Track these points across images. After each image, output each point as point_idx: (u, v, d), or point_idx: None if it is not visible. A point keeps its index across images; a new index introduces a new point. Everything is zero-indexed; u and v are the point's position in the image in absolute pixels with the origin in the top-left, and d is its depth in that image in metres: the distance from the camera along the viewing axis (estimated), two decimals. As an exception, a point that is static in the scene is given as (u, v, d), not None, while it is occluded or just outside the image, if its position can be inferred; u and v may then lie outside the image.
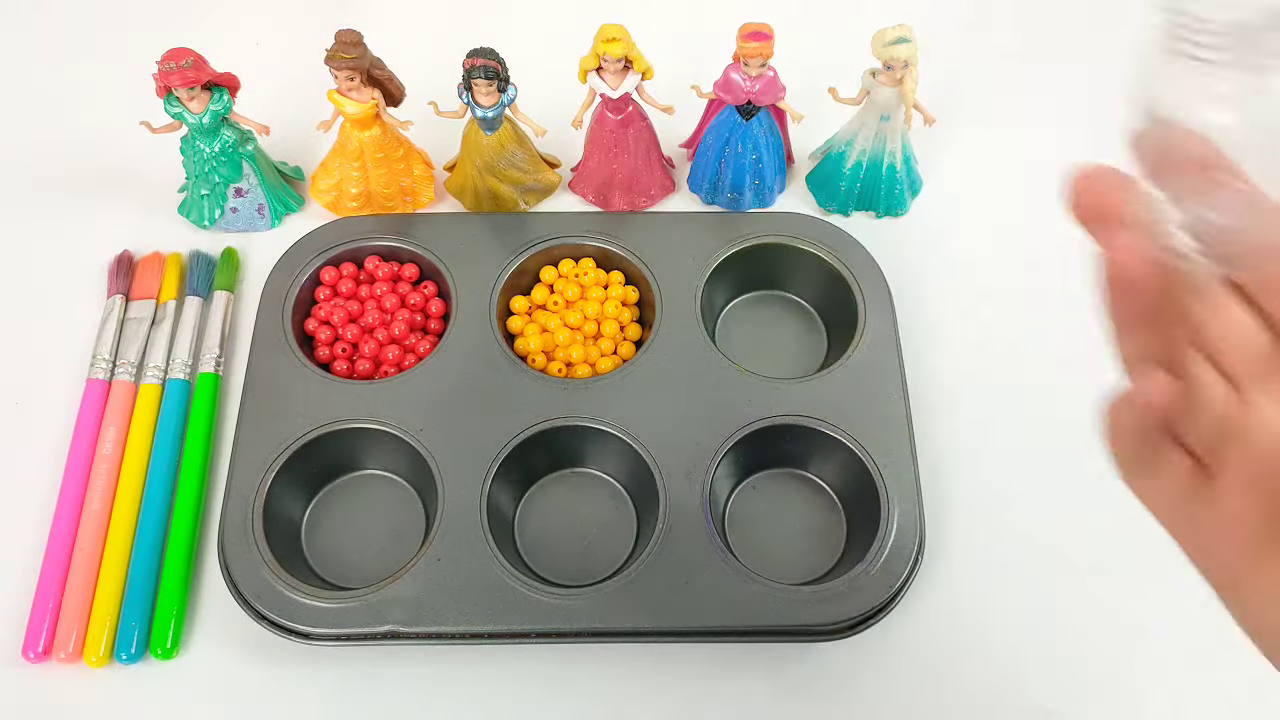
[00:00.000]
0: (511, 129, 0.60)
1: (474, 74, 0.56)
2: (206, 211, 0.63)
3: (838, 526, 0.54)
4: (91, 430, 0.55)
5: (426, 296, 0.60)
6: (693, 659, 0.51)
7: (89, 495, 0.53)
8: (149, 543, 0.52)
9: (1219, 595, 0.29)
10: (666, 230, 0.61)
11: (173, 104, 0.58)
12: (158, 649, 0.50)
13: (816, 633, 0.50)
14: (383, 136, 0.60)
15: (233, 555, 0.50)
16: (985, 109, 0.70)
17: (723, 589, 0.49)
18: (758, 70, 0.58)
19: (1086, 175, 0.29)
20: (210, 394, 0.57)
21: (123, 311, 0.59)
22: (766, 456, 0.55)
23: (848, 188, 0.63)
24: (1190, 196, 0.26)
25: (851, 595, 0.49)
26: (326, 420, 0.54)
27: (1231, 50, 0.25)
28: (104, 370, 0.57)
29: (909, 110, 0.59)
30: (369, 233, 0.61)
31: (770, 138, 0.61)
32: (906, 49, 0.56)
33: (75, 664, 0.50)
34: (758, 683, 0.50)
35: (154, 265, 0.61)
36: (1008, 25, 0.75)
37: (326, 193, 0.63)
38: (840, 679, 0.51)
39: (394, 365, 0.57)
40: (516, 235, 0.61)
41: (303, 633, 0.49)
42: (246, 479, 0.52)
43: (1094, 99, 0.71)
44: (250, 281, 0.62)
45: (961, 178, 0.67)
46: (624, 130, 0.61)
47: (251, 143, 0.62)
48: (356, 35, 0.56)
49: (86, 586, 0.51)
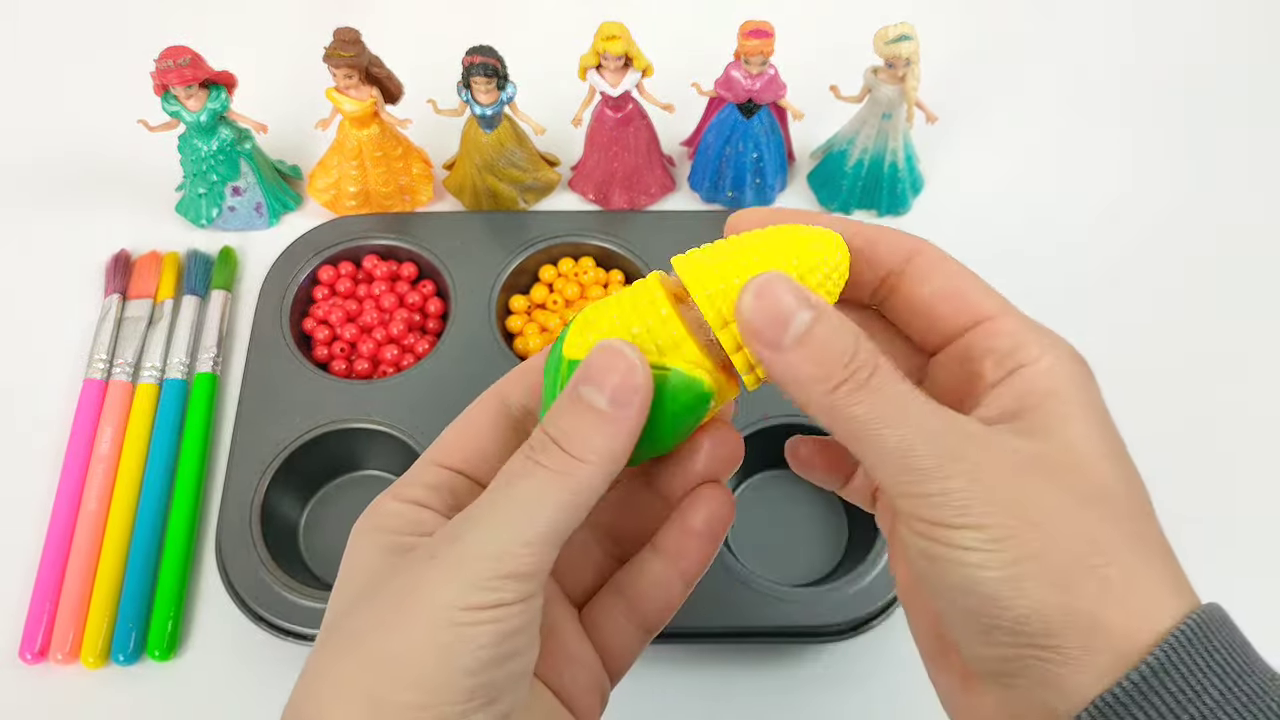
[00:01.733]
0: (511, 127, 0.60)
1: (473, 72, 0.56)
2: (204, 210, 0.63)
3: (838, 528, 0.54)
4: (88, 430, 0.55)
5: (425, 296, 0.60)
6: (693, 661, 0.51)
7: (86, 495, 0.53)
8: (146, 543, 0.52)
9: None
10: (667, 229, 0.61)
11: (170, 102, 0.57)
12: (154, 650, 0.50)
13: (817, 634, 0.49)
14: (381, 135, 0.60)
15: (230, 556, 0.50)
16: (987, 107, 0.70)
17: (723, 590, 0.49)
18: (759, 68, 0.57)
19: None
20: (207, 394, 0.57)
21: (120, 311, 0.59)
22: (767, 457, 0.55)
23: (849, 186, 0.63)
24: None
25: (852, 597, 0.49)
26: (324, 420, 0.54)
27: None
28: (101, 370, 0.57)
29: (911, 108, 0.59)
30: (367, 231, 0.61)
31: (771, 136, 0.61)
32: (908, 46, 0.55)
33: (72, 665, 0.50)
34: (758, 684, 0.50)
35: (151, 264, 0.61)
36: (1009, 23, 0.75)
37: (324, 191, 0.63)
38: (840, 680, 0.50)
39: (392, 365, 0.57)
40: (516, 234, 0.60)
41: (300, 634, 0.49)
42: (244, 479, 0.52)
43: (1095, 99, 0.71)
44: (248, 280, 0.62)
45: (963, 176, 0.66)
46: (624, 128, 0.61)
47: (249, 141, 0.61)
48: (355, 33, 0.56)
49: (83, 587, 0.51)
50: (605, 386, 0.27)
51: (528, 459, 0.27)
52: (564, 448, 0.27)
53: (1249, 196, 0.66)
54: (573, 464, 0.27)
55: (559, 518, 0.27)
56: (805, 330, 0.26)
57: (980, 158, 0.67)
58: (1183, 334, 0.60)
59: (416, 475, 0.30)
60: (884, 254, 0.30)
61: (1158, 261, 0.63)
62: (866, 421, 0.26)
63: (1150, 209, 0.65)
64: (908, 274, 0.30)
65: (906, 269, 0.30)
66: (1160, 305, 0.62)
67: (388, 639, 0.26)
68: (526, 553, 0.26)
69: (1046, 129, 0.69)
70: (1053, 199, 0.66)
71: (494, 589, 0.26)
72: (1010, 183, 0.66)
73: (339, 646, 0.27)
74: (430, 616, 0.25)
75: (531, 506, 0.27)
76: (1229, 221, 0.65)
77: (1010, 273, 0.63)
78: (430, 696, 0.25)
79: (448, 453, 0.31)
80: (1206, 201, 0.66)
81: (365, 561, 0.28)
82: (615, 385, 0.27)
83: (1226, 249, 0.64)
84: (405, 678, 0.25)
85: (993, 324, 0.29)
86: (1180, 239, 0.65)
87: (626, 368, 0.28)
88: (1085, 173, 0.67)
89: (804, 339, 0.27)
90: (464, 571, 0.26)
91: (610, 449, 0.27)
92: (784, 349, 0.27)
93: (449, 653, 0.25)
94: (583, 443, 0.27)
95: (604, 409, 0.27)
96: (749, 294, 0.27)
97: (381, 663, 0.25)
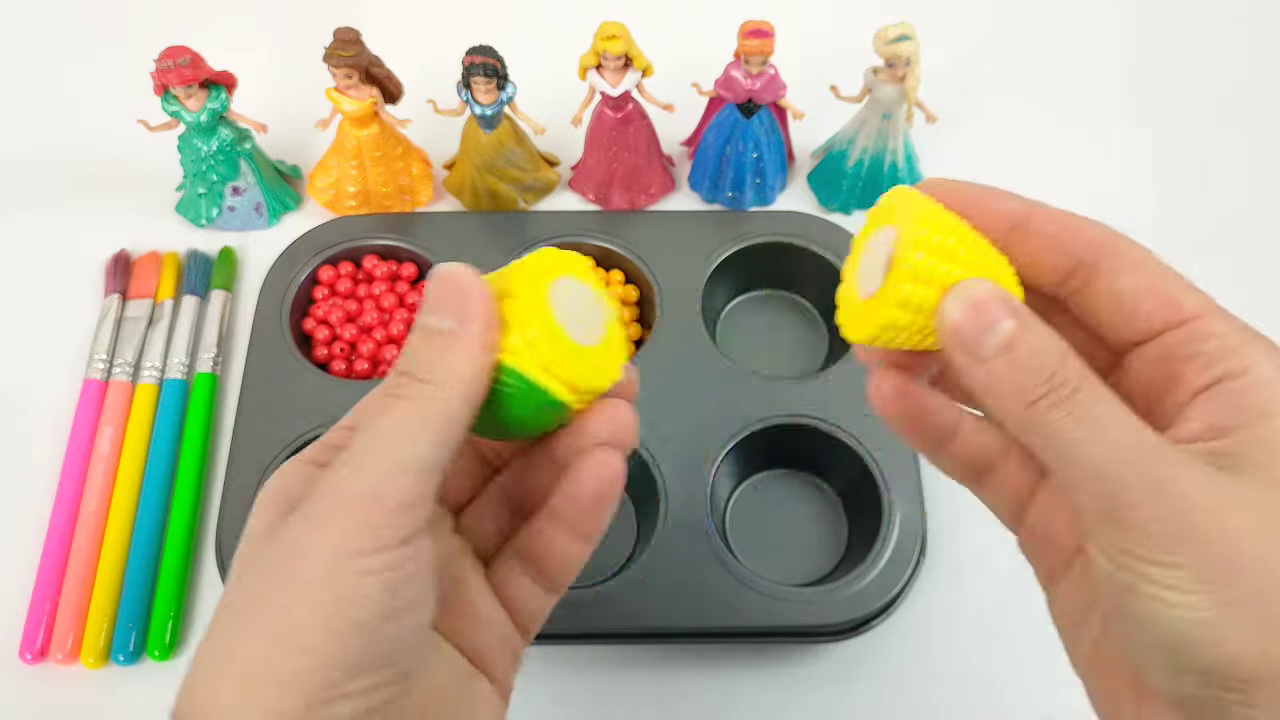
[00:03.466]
0: (511, 127, 0.60)
1: (473, 72, 0.56)
2: (204, 210, 0.62)
3: (839, 527, 0.54)
4: (88, 430, 0.55)
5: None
6: (693, 661, 0.51)
7: (86, 496, 0.53)
8: (146, 543, 0.52)
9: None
10: (667, 229, 0.61)
11: (170, 102, 0.57)
12: (155, 650, 0.50)
13: (817, 634, 0.49)
14: (381, 135, 0.60)
15: (230, 556, 0.50)
16: (987, 107, 0.70)
17: (723, 590, 0.49)
18: (759, 68, 0.57)
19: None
20: (207, 394, 0.57)
21: (119, 311, 0.59)
22: (768, 457, 0.55)
23: (849, 186, 0.63)
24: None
25: (853, 597, 0.49)
26: (324, 420, 0.53)
27: None
28: (101, 370, 0.57)
29: (911, 108, 0.59)
30: (367, 231, 0.61)
31: (771, 136, 0.61)
32: (908, 46, 0.55)
33: (72, 665, 0.50)
34: (758, 684, 0.50)
35: (151, 264, 0.61)
36: (1009, 23, 0.75)
37: (324, 191, 0.63)
38: (841, 680, 0.50)
39: (392, 365, 0.57)
40: (516, 234, 0.60)
41: (300, 634, 0.49)
42: (244, 479, 0.52)
43: (1095, 99, 0.71)
44: (248, 280, 0.62)
45: (963, 176, 0.66)
46: (624, 128, 0.61)
47: (249, 141, 0.61)
48: (355, 33, 0.56)
49: (83, 587, 0.51)
50: (444, 309, 0.27)
51: (384, 395, 0.27)
52: (415, 376, 0.27)
53: (1249, 196, 0.66)
54: (426, 389, 0.27)
55: (425, 445, 0.26)
56: (1009, 338, 0.26)
57: (980, 158, 0.67)
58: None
59: (324, 439, 0.30)
60: (1078, 242, 0.29)
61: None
62: (1065, 441, 0.25)
63: (1150, 208, 0.65)
64: (1103, 266, 0.28)
65: (1101, 261, 0.28)
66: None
67: (270, 605, 0.25)
68: (400, 485, 0.26)
69: (1046, 129, 0.69)
70: (1053, 199, 0.66)
71: (374, 531, 0.25)
72: (1010, 183, 0.66)
73: (225, 623, 0.26)
74: (313, 574, 0.25)
75: (396, 439, 0.26)
76: (1229, 221, 0.65)
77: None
78: (319, 659, 0.24)
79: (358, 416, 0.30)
80: (1207, 201, 0.66)
81: (253, 529, 0.27)
82: (454, 305, 0.27)
83: (1227, 249, 0.64)
84: (291, 642, 0.24)
85: (1199, 323, 0.27)
86: (1181, 238, 0.64)
87: (464, 286, 0.28)
88: (1085, 172, 0.67)
89: (1007, 347, 0.26)
90: (342, 518, 0.25)
91: (460, 367, 0.27)
92: (985, 358, 0.26)
93: (335, 610, 0.24)
94: (432, 366, 0.27)
95: (447, 329, 0.27)
96: (956, 297, 0.26)
97: (266, 630, 0.24)
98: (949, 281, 0.27)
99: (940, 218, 0.28)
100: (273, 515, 0.27)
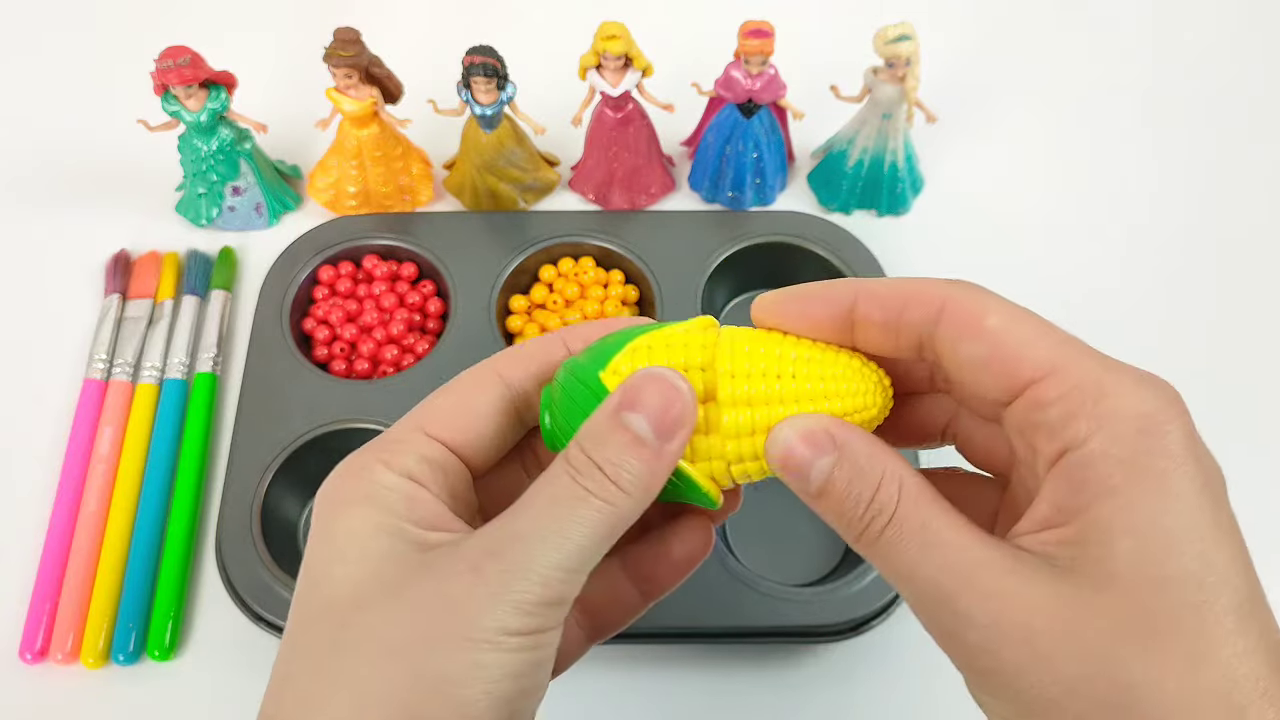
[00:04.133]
0: (511, 127, 0.60)
1: (473, 72, 0.56)
2: (204, 210, 0.62)
3: (839, 527, 0.54)
4: (88, 430, 0.55)
5: (425, 296, 0.60)
6: (693, 661, 0.51)
7: (86, 496, 0.53)
8: (146, 543, 0.52)
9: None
10: (667, 229, 0.61)
11: (170, 102, 0.57)
12: (155, 650, 0.50)
13: (817, 634, 0.49)
14: (381, 135, 0.60)
15: (230, 556, 0.50)
16: (987, 107, 0.70)
17: (723, 590, 0.49)
18: (759, 68, 0.57)
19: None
20: (207, 394, 0.57)
21: (119, 311, 0.59)
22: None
23: (849, 186, 0.63)
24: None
25: (852, 597, 0.49)
26: (325, 420, 0.54)
27: None
28: (101, 370, 0.57)
29: (911, 108, 0.59)
30: (367, 231, 0.61)
31: (771, 136, 0.61)
32: (908, 46, 0.55)
33: (72, 665, 0.50)
34: (758, 684, 0.50)
35: (151, 264, 0.61)
36: (1009, 23, 0.75)
37: (324, 191, 0.63)
38: (841, 680, 0.50)
39: (392, 365, 0.57)
40: (516, 234, 0.60)
41: (300, 634, 0.49)
42: (244, 479, 0.52)
43: (1095, 98, 0.71)
44: (248, 280, 0.62)
45: (963, 176, 0.66)
46: (624, 128, 0.61)
47: (249, 141, 0.61)
48: (355, 33, 0.56)
49: (83, 587, 0.51)
50: (651, 416, 0.26)
51: (574, 482, 0.26)
52: (610, 477, 0.26)
53: (1250, 196, 0.66)
54: (618, 495, 0.26)
55: (597, 547, 0.26)
56: (825, 480, 0.26)
57: (980, 158, 0.67)
58: (1184, 334, 0.60)
59: (407, 442, 0.29)
60: (908, 320, 0.27)
61: (1159, 261, 0.63)
62: (889, 568, 0.26)
63: (1151, 208, 0.65)
64: (940, 336, 0.26)
65: (938, 330, 0.26)
66: (1161, 305, 0.62)
67: (430, 655, 0.25)
68: (566, 580, 0.26)
69: (1047, 128, 0.69)
70: (1053, 199, 0.66)
71: (535, 614, 0.25)
72: (1010, 183, 0.66)
73: (363, 650, 0.25)
74: (474, 637, 0.25)
75: (574, 533, 0.26)
76: (1230, 220, 0.65)
77: (1010, 272, 0.63)
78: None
79: (439, 424, 0.29)
80: (1207, 200, 0.66)
81: (370, 546, 0.27)
82: (662, 417, 0.26)
83: (1228, 248, 0.64)
84: (446, 698, 0.24)
85: (1038, 389, 0.25)
86: (1181, 238, 0.65)
87: (676, 399, 0.26)
88: (1086, 172, 0.67)
89: (824, 490, 0.26)
90: (509, 594, 0.25)
91: (649, 484, 0.26)
92: (811, 498, 0.27)
93: (488, 677, 0.24)
94: (627, 473, 0.26)
95: (648, 440, 0.26)
96: (768, 450, 0.27)
97: (422, 679, 0.24)
98: (770, 423, 0.27)
99: (752, 358, 0.28)
100: (387, 536, 0.27)
